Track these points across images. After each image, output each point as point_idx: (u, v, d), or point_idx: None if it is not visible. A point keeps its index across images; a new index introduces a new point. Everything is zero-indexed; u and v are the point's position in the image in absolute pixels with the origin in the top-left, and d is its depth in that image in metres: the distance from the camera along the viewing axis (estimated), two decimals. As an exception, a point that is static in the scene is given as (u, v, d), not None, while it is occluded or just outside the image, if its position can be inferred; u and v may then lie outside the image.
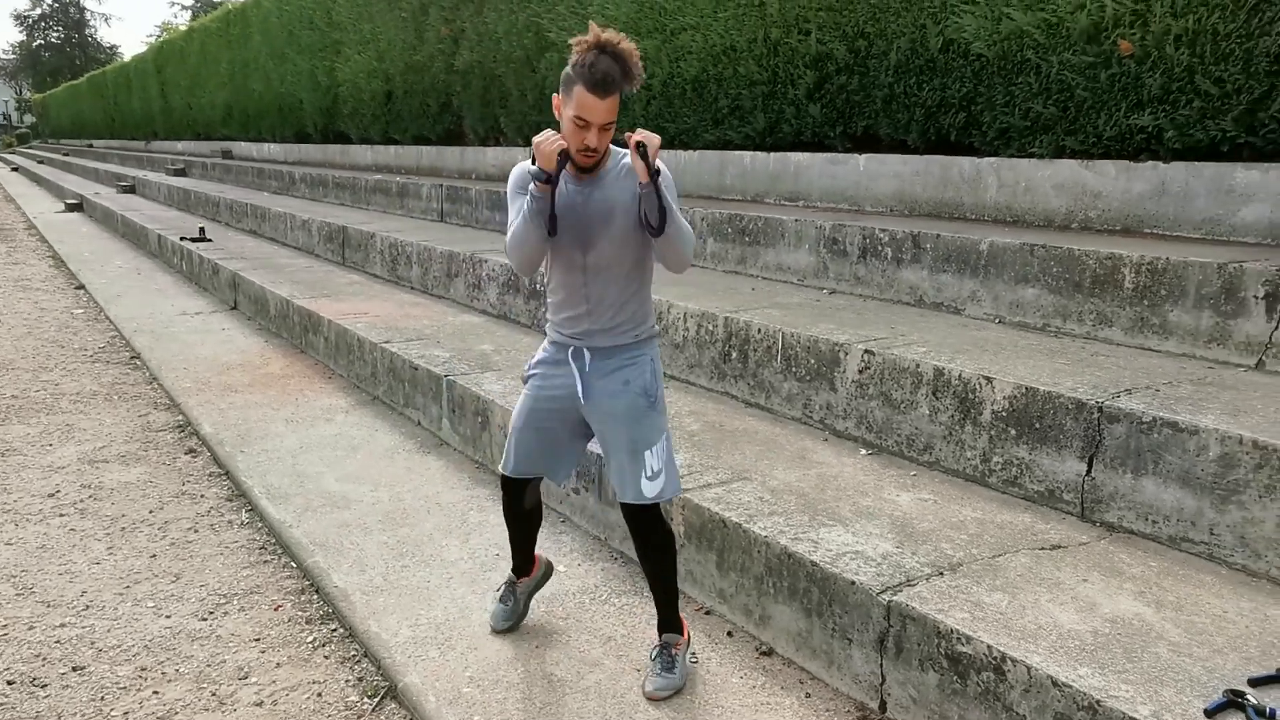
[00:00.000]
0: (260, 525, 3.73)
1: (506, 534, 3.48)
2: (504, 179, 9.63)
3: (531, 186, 2.27)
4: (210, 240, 10.17)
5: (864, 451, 3.52)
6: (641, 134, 2.21)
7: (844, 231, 4.87)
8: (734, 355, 4.17)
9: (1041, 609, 2.30)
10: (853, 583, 2.45)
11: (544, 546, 3.39)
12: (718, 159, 6.92)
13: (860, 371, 3.59)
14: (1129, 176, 4.47)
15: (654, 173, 2.21)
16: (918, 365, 3.38)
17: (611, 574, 3.22)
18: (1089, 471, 2.87)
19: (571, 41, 2.28)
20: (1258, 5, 3.95)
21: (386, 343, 5.20)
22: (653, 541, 2.52)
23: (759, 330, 4.04)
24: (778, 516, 2.85)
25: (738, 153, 6.75)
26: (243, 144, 18.55)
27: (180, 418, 5.11)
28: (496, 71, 9.41)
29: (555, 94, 2.33)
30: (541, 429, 2.58)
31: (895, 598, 2.36)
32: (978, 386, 3.18)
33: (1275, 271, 3.28)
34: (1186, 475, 2.65)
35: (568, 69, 2.26)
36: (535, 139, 2.24)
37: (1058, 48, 4.67)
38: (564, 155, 2.22)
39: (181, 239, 10.11)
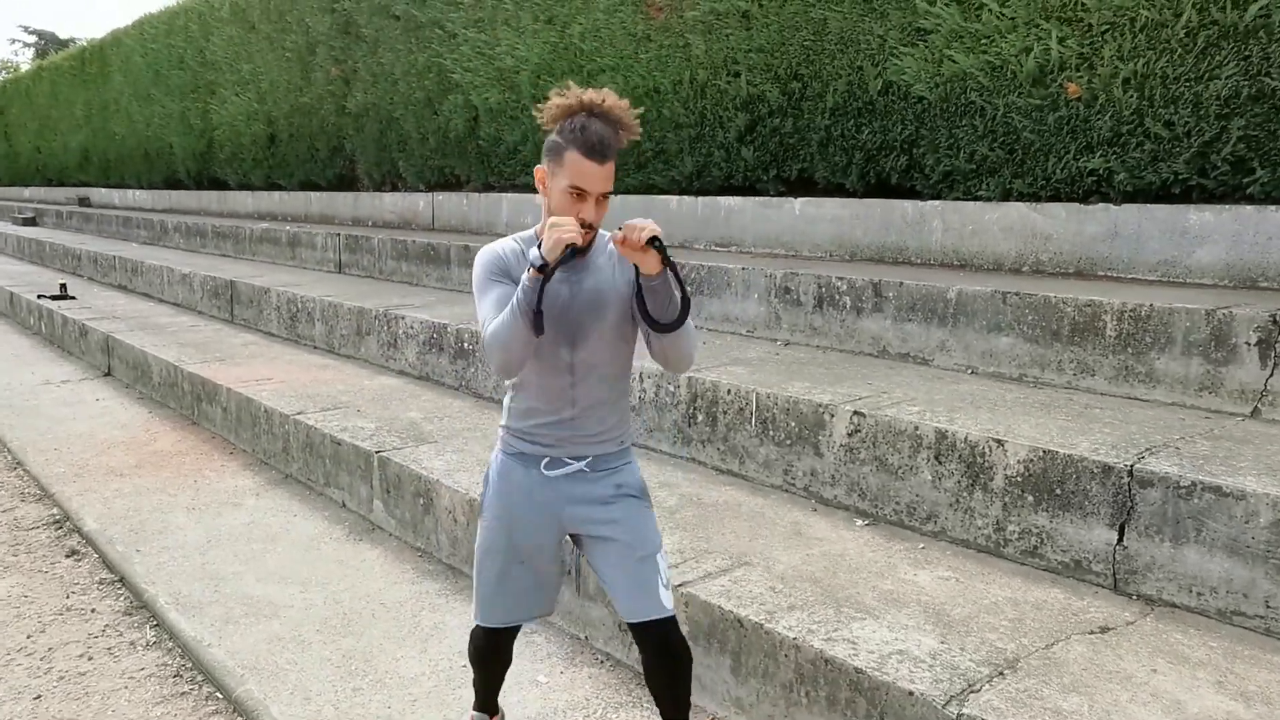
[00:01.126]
0: (171, 645, 3.15)
1: (469, 640, 3.07)
2: (404, 226, 9.14)
3: (525, 276, 1.90)
4: (74, 298, 9.24)
5: (860, 522, 3.26)
6: (639, 229, 1.82)
7: (796, 280, 4.66)
8: (700, 418, 3.86)
9: (1127, 713, 2.05)
10: (910, 693, 2.15)
11: (516, 651, 2.97)
12: (641, 203, 6.66)
13: (850, 435, 3.33)
14: (1080, 219, 4.43)
15: (668, 262, 1.89)
16: (916, 427, 3.14)
17: (601, 681, 2.83)
18: (1120, 540, 2.68)
19: (543, 106, 1.97)
20: (1206, 49, 3.96)
21: (300, 414, 4.66)
22: (679, 661, 2.14)
23: (729, 390, 3.75)
24: (799, 611, 2.53)
25: (663, 197, 6.51)
26: (103, 191, 17.29)
27: (56, 511, 4.42)
28: (394, 114, 8.94)
29: (538, 166, 2.01)
30: (525, 564, 2.17)
31: (964, 710, 2.07)
32: (987, 450, 2.96)
33: (1267, 318, 3.20)
34: (1235, 543, 2.47)
35: (553, 136, 1.96)
36: (552, 220, 1.88)
37: (1003, 90, 4.61)
38: (571, 249, 1.87)
39: (39, 296, 9.14)
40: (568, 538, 2.21)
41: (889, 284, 4.27)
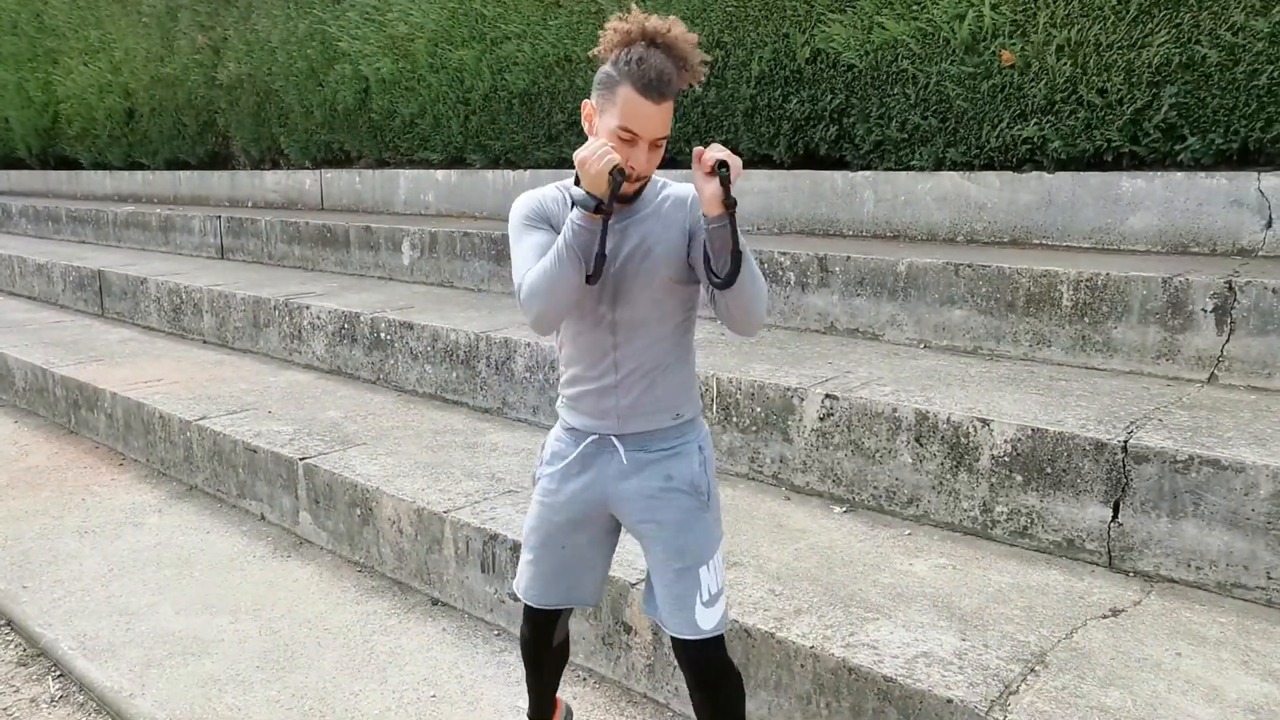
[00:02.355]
0: (84, 699, 2.75)
1: (433, 665, 2.81)
2: (289, 206, 8.54)
3: (575, 214, 1.67)
4: (-92, 293, 8.25)
5: (838, 509, 3.13)
6: (718, 149, 1.65)
7: (736, 256, 4.49)
8: (655, 406, 3.65)
9: (1168, 704, 1.98)
10: (949, 700, 2.02)
11: (482, 672, 2.72)
12: (553, 178, 6.35)
13: (822, 419, 3.20)
14: (1014, 188, 4.42)
15: (731, 203, 1.64)
16: (894, 409, 3.03)
17: (587, 701, 2.61)
18: (1115, 517, 2.63)
19: (605, 30, 1.73)
20: (1138, 16, 3.98)
21: (203, 419, 4.22)
22: (718, 686, 1.94)
23: (685, 376, 3.55)
24: (808, 615, 2.38)
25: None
26: (-71, 172, 15.58)
27: (-83, 543, 3.86)
28: (273, 85, 8.29)
29: (586, 100, 1.77)
30: (570, 544, 1.97)
31: (1009, 715, 1.96)
32: (971, 430, 2.88)
33: (1223, 284, 3.23)
34: (1235, 516, 2.45)
35: (606, 67, 1.72)
36: (579, 153, 1.65)
37: (935, 58, 4.55)
38: (618, 173, 1.64)
39: None
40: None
41: (835, 258, 4.16)
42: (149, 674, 2.78)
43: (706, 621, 1.88)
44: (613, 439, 1.88)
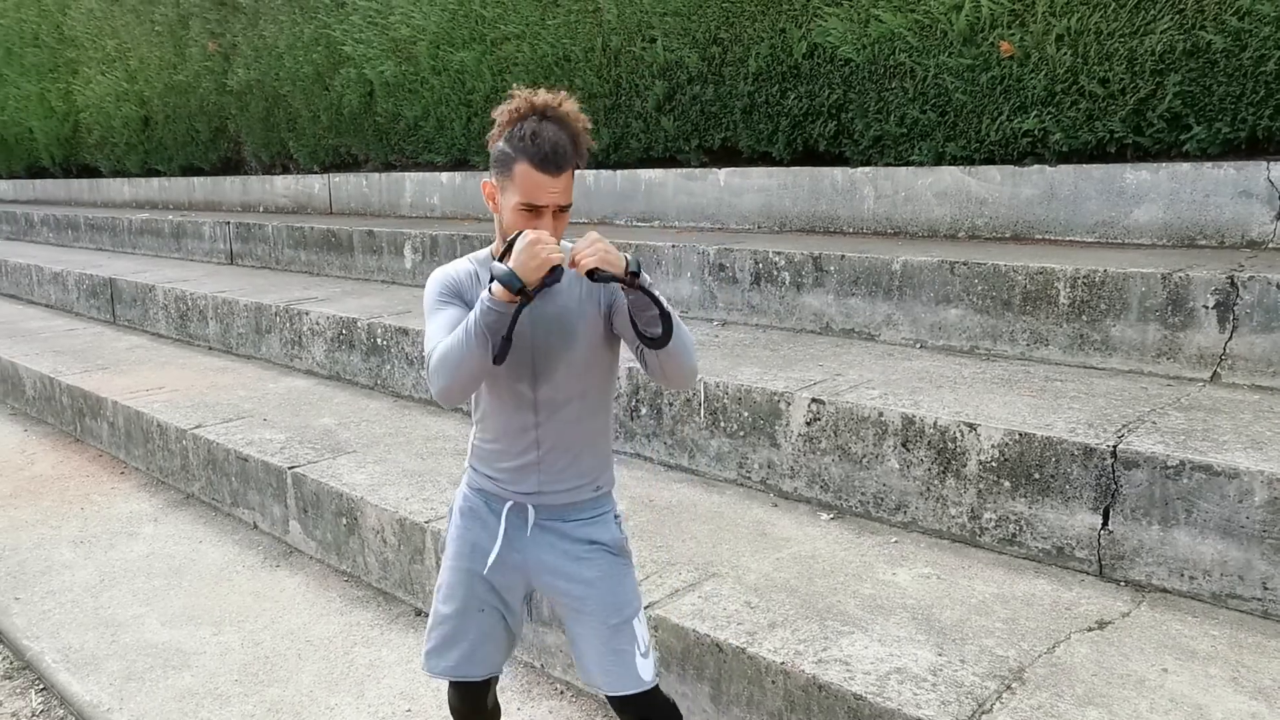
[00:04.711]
0: (64, 713, 2.75)
1: (412, 678, 2.78)
2: (299, 211, 8.57)
3: (488, 296, 1.58)
4: (-70, 303, 8.38)
5: (824, 516, 3.07)
6: (586, 255, 1.56)
7: (731, 256, 4.43)
8: (644, 410, 3.61)
9: (1149, 724, 1.91)
10: (918, 720, 1.96)
11: (465, 688, 2.69)
12: (556, 179, 6.31)
13: (809, 424, 3.13)
14: (1015, 181, 4.31)
15: (633, 272, 1.60)
16: (880, 413, 2.96)
17: (562, 715, 2.57)
18: (1105, 524, 2.55)
19: (495, 113, 1.70)
20: (1140, 3, 3.86)
21: (198, 427, 4.22)
22: None
23: (674, 381, 3.50)
24: (781, 629, 2.32)
25: (578, 171, 6.18)
26: (-44, 182, 15.86)
27: (-82, 554, 3.90)
28: (281, 91, 8.32)
29: (485, 180, 1.73)
30: (488, 607, 1.89)
31: (980, 736, 1.89)
32: (958, 435, 2.80)
33: (1224, 279, 3.12)
34: (1228, 524, 2.36)
35: (500, 145, 1.67)
36: (533, 232, 1.58)
37: (933, 50, 4.45)
38: (557, 271, 1.57)
39: (-110, 304, 8.26)
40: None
41: (830, 257, 4.08)
42: (128, 687, 2.77)
43: (647, 671, 1.84)
44: (530, 507, 1.84)
